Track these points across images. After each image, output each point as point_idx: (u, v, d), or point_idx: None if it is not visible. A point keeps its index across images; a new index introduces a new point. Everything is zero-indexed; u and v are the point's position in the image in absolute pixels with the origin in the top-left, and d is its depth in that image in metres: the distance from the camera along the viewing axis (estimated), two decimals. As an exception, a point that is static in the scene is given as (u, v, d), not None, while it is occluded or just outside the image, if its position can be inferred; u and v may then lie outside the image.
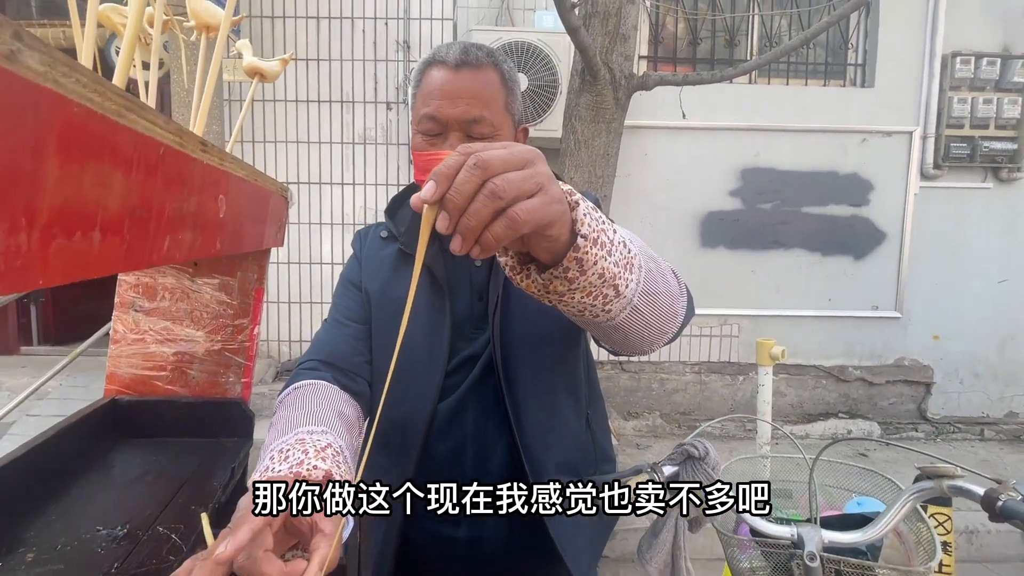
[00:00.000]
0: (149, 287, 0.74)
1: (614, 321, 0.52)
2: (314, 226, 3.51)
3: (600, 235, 0.45)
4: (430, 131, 0.72)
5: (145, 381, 0.74)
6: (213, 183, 0.41)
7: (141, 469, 0.65)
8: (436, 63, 0.73)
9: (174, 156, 0.31)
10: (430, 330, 0.75)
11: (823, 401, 3.66)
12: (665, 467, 0.89)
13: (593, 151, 1.88)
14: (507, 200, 0.38)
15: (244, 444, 0.74)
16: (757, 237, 3.53)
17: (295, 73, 3.41)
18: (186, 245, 0.36)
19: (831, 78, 3.64)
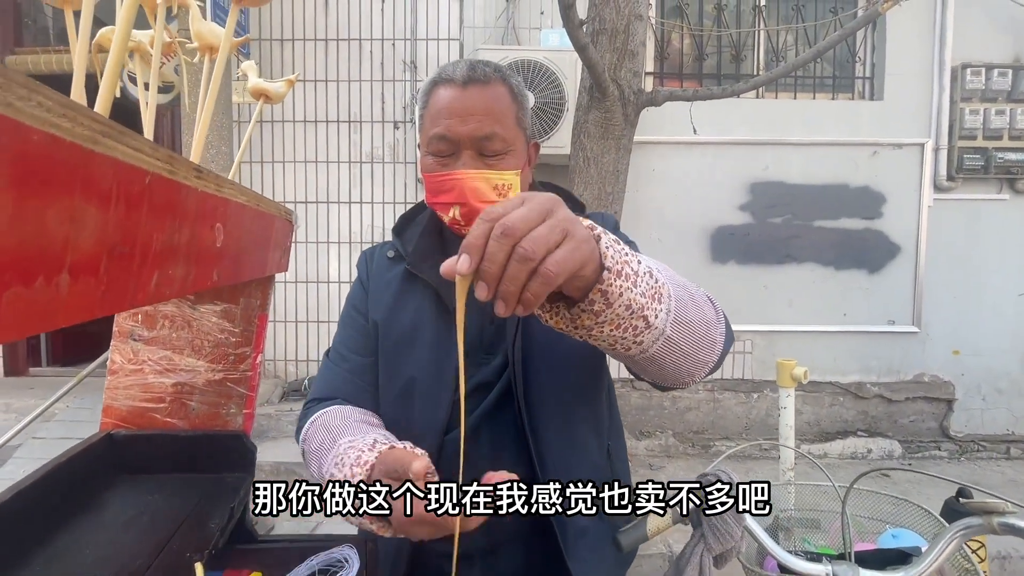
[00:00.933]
0: (148, 315, 0.71)
1: (648, 353, 0.50)
2: (321, 245, 3.51)
3: (624, 267, 0.45)
4: (441, 151, 0.70)
5: (143, 413, 0.71)
6: (209, 211, 0.38)
7: (136, 510, 0.61)
8: (443, 82, 0.71)
9: (162, 184, 0.28)
10: (439, 355, 0.73)
11: (841, 419, 3.56)
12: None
13: (602, 168, 1.86)
14: (538, 259, 0.40)
15: (245, 479, 0.70)
16: (768, 251, 3.49)
17: (303, 94, 3.45)
18: (178, 280, 0.33)
19: (839, 91, 3.62)
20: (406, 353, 0.74)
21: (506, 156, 0.70)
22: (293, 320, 3.52)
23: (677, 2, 3.51)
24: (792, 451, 1.41)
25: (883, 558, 0.88)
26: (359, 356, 0.76)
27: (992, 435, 3.58)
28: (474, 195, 0.67)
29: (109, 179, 0.22)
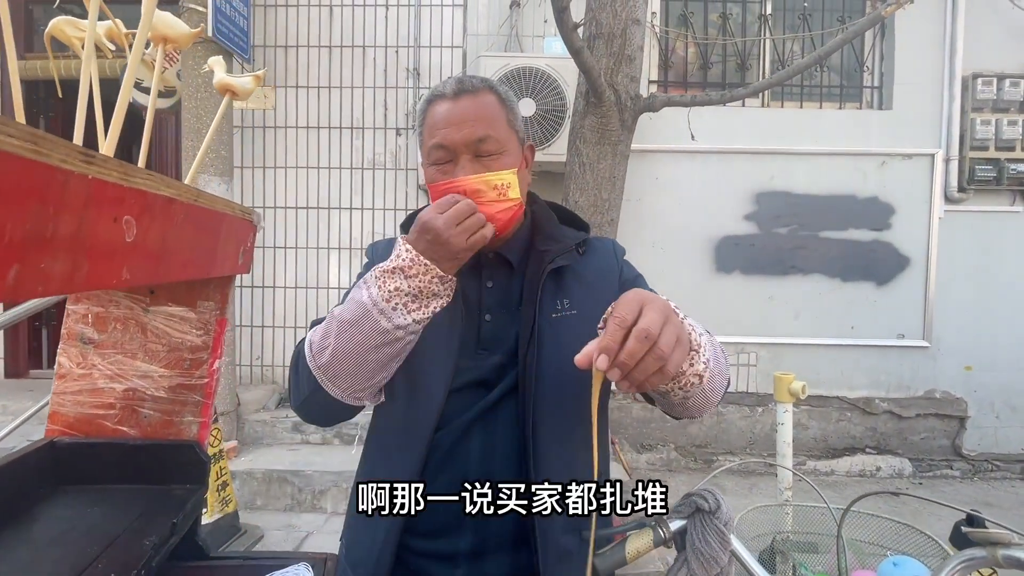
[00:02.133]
0: (100, 317, 0.68)
1: (688, 401, 0.63)
2: (322, 251, 3.50)
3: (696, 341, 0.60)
4: (440, 160, 0.75)
5: (91, 421, 0.68)
6: (110, 201, 0.35)
7: (70, 524, 0.57)
8: (435, 98, 0.77)
9: (19, 165, 0.25)
10: (434, 345, 0.74)
11: (848, 435, 3.47)
12: (672, 521, 0.79)
13: (598, 174, 1.82)
14: (667, 359, 0.53)
15: (195, 492, 0.66)
16: (774, 262, 3.42)
17: (307, 100, 3.46)
18: (57, 276, 0.29)
19: (847, 101, 3.57)
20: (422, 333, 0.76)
21: (501, 156, 0.74)
22: (292, 326, 3.50)
23: (682, 10, 3.49)
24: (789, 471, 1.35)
25: (883, 588, 0.82)
26: None
27: (1006, 454, 3.47)
28: (476, 197, 0.71)
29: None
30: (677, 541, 0.79)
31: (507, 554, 0.74)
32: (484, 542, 0.73)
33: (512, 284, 0.79)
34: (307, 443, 3.02)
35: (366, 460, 0.83)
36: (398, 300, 0.64)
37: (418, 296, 0.65)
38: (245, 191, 3.46)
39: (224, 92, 0.74)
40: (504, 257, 0.80)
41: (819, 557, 1.07)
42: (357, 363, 0.67)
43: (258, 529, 2.34)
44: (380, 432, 0.82)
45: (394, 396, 0.78)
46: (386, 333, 0.65)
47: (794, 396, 1.61)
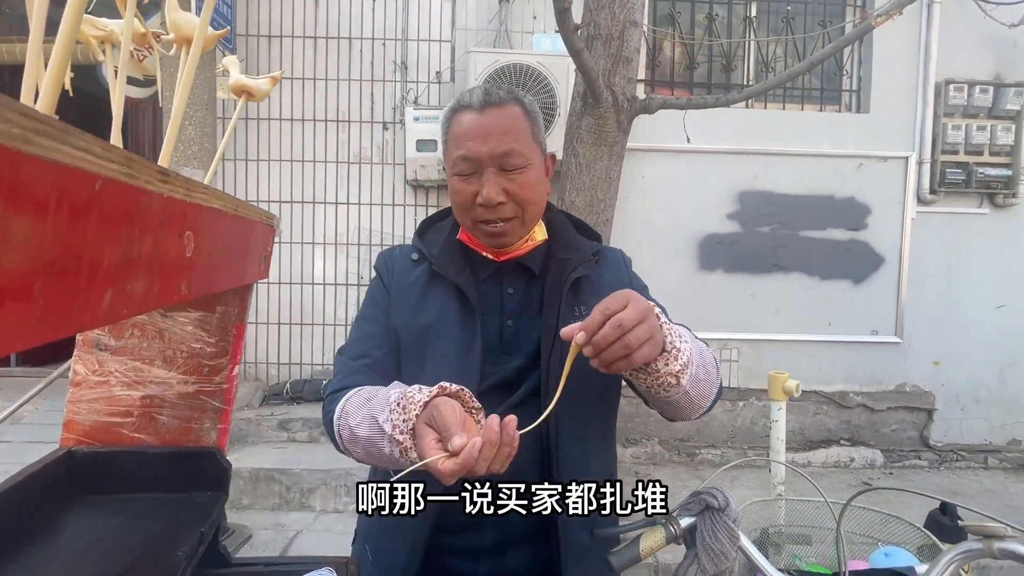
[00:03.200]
0: (116, 324, 0.66)
1: (670, 399, 0.68)
2: (307, 246, 3.44)
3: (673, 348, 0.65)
4: (465, 171, 0.76)
5: (108, 429, 0.66)
6: (177, 218, 0.34)
7: (96, 535, 0.57)
8: (461, 108, 0.78)
9: (117, 190, 0.25)
10: (461, 351, 0.76)
11: (824, 428, 3.59)
12: (682, 519, 0.82)
13: (595, 174, 1.84)
14: (633, 350, 0.60)
15: (218, 499, 0.66)
16: (756, 261, 3.51)
17: (291, 92, 3.39)
18: (138, 296, 0.29)
19: (827, 103, 3.67)
20: (430, 349, 0.78)
21: (526, 170, 0.76)
22: (276, 322, 3.44)
23: (669, 10, 3.53)
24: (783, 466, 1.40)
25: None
26: (379, 352, 0.80)
27: (970, 445, 3.64)
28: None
29: (45, 185, 0.19)
30: (687, 538, 0.82)
31: (528, 548, 0.77)
32: (506, 536, 0.76)
33: (532, 291, 0.82)
34: (294, 441, 2.98)
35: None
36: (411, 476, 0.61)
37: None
38: (227, 184, 3.37)
39: (240, 93, 0.73)
40: (523, 265, 0.82)
41: (812, 549, 1.12)
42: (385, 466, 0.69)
43: (246, 529, 2.31)
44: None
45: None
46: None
47: (788, 394, 1.66)
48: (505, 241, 0.79)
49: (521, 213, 0.77)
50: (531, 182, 0.77)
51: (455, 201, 0.79)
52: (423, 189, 3.43)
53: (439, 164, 3.19)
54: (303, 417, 3.01)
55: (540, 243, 0.83)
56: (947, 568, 0.69)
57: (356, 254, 3.45)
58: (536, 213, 0.80)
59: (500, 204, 0.75)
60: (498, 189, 0.75)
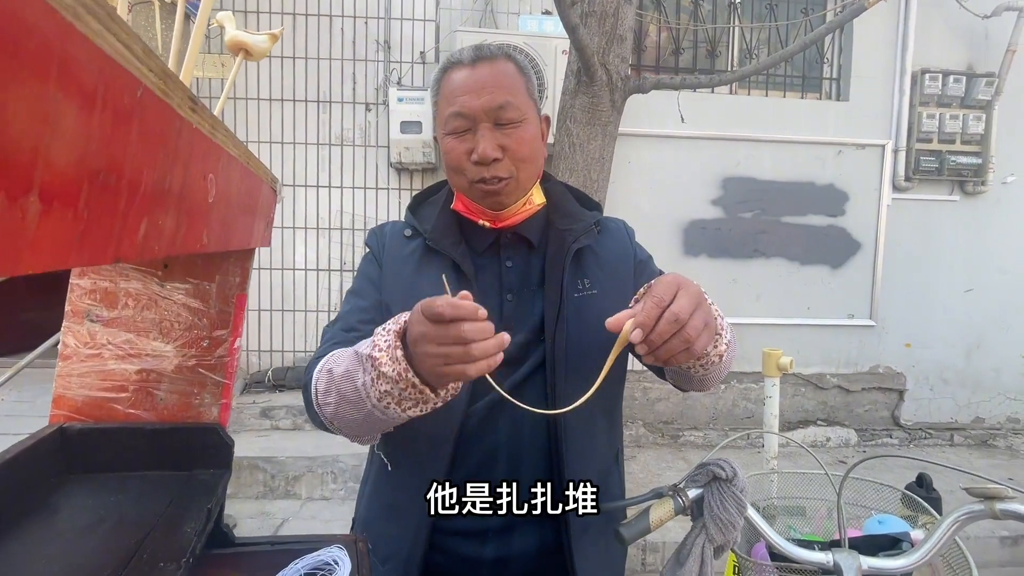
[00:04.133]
0: (109, 293, 0.63)
1: (708, 375, 0.70)
2: (287, 230, 3.35)
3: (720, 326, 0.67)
4: (458, 128, 0.73)
5: (102, 405, 0.63)
6: (202, 156, 0.32)
7: (96, 515, 0.54)
8: (452, 66, 0.75)
9: (155, 105, 0.22)
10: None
11: (802, 409, 3.70)
12: (690, 490, 0.82)
13: (588, 154, 1.83)
14: (693, 342, 0.58)
15: (221, 476, 0.63)
16: (738, 246, 3.56)
17: (269, 71, 3.27)
18: (167, 235, 0.26)
19: (808, 91, 3.72)
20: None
21: (521, 124, 0.73)
22: (256, 309, 3.35)
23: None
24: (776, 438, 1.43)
25: (873, 544, 0.88)
26: (369, 326, 0.75)
27: (938, 423, 3.80)
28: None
29: (93, 73, 0.16)
30: (693, 509, 0.82)
31: (534, 528, 0.76)
32: (513, 517, 0.73)
33: (532, 263, 0.79)
34: (277, 428, 2.92)
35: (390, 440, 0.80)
36: (389, 400, 0.58)
37: (406, 399, 0.58)
38: (202, 166, 3.25)
39: (237, 51, 0.69)
40: (522, 236, 0.79)
41: (806, 520, 1.15)
42: (358, 427, 0.64)
43: (231, 518, 2.26)
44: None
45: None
46: (383, 421, 0.62)
47: (782, 370, 1.69)
48: (502, 201, 0.75)
49: (516, 171, 0.74)
50: (528, 137, 0.73)
51: (448, 162, 0.75)
52: (407, 172, 3.37)
53: (424, 146, 3.13)
54: (286, 405, 2.96)
55: (538, 208, 0.80)
56: (949, 530, 0.71)
57: (339, 239, 3.38)
58: (533, 172, 0.78)
59: (496, 161, 0.72)
60: (493, 144, 0.71)
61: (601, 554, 0.78)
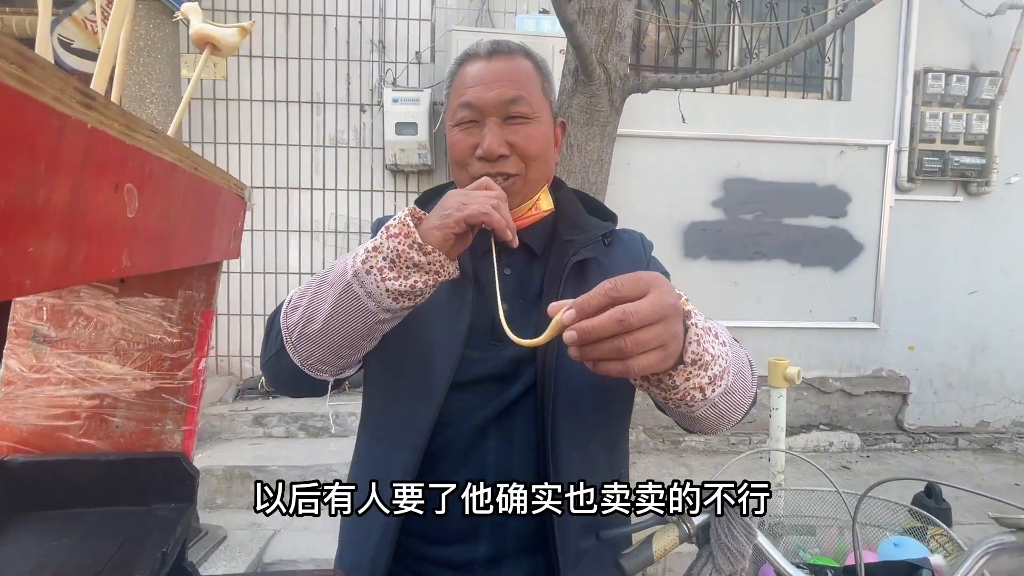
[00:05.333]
0: (57, 311, 0.57)
1: (693, 414, 0.55)
2: (280, 233, 3.30)
3: (703, 355, 0.50)
4: (465, 119, 0.69)
5: (50, 434, 0.57)
6: (111, 162, 0.26)
7: (38, 558, 0.48)
8: (469, 58, 0.72)
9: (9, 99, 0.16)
10: (443, 328, 0.69)
11: (804, 413, 3.64)
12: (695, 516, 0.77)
13: (586, 156, 1.77)
14: (629, 356, 0.46)
15: (184, 511, 0.57)
16: (739, 248, 3.51)
17: (262, 71, 3.21)
18: (50, 262, 0.21)
19: (809, 90, 3.67)
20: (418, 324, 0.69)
21: (532, 122, 0.69)
22: (249, 313, 3.30)
23: (654, -7, 3.46)
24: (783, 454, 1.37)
25: (891, 571, 0.83)
26: None
27: (942, 427, 3.75)
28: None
29: None
30: (699, 536, 0.77)
31: (524, 559, 0.70)
32: (502, 548, 0.68)
33: (532, 273, 0.73)
34: (270, 436, 2.86)
35: (359, 459, 0.75)
36: (374, 263, 0.56)
37: (395, 263, 0.56)
38: (194, 168, 3.19)
39: (203, 45, 0.63)
40: (524, 244, 0.73)
41: (816, 539, 1.09)
42: (322, 329, 0.60)
43: (220, 530, 2.20)
44: (374, 427, 0.75)
45: (388, 385, 0.72)
46: (356, 300, 0.57)
47: (789, 381, 1.63)
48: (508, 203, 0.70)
49: (524, 170, 0.69)
50: (538, 136, 0.69)
51: (452, 156, 0.71)
52: (403, 174, 3.31)
53: (419, 148, 3.08)
54: (280, 412, 2.90)
55: (545, 215, 0.75)
56: (977, 563, 0.65)
57: (333, 242, 3.32)
58: (542, 173, 0.72)
59: (502, 157, 0.67)
60: (500, 140, 0.67)
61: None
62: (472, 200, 0.59)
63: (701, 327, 0.51)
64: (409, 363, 0.69)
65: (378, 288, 0.57)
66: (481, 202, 0.58)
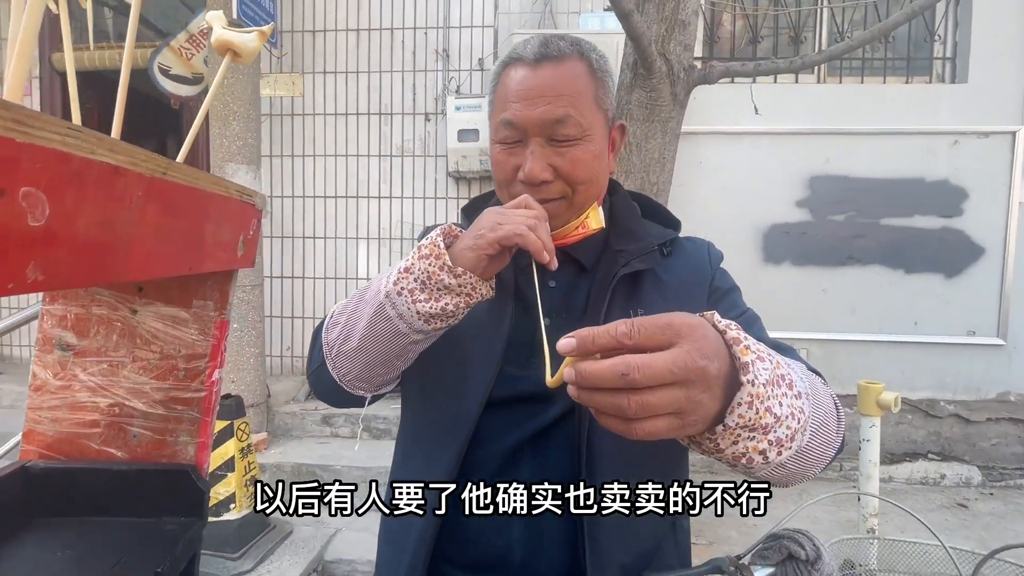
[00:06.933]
0: (80, 320, 0.58)
1: (753, 475, 0.46)
2: (350, 240, 3.44)
3: (759, 419, 0.40)
4: (508, 139, 0.64)
5: (72, 441, 0.58)
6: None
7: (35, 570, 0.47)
8: (513, 61, 0.65)
9: None
10: (481, 343, 0.65)
11: (909, 439, 3.21)
12: (756, 569, 0.65)
13: (646, 155, 1.65)
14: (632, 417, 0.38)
15: (190, 527, 0.56)
16: (829, 252, 3.17)
17: (335, 86, 3.38)
18: None
19: (914, 74, 3.25)
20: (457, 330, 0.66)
21: (581, 142, 0.62)
22: (322, 316, 3.46)
23: (729, -20, 3.24)
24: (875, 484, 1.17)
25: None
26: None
27: (1091, 464, 3.14)
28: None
29: None
30: (757, 595, 0.65)
31: None
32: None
33: (579, 286, 0.67)
34: (336, 436, 2.97)
35: (394, 475, 0.74)
36: (404, 284, 0.56)
37: (426, 285, 0.55)
38: (274, 180, 3.42)
39: (224, 51, 0.63)
40: (572, 255, 0.67)
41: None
42: (358, 348, 0.60)
43: (287, 524, 2.30)
44: (407, 443, 0.72)
45: (422, 402, 0.69)
46: (388, 321, 0.56)
47: (884, 409, 1.41)
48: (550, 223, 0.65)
49: (571, 194, 0.63)
50: (586, 158, 0.62)
51: (495, 174, 0.67)
52: (465, 181, 3.34)
53: (481, 154, 3.08)
54: (346, 412, 3.00)
55: (594, 232, 0.68)
56: None
57: (399, 248, 3.41)
58: (589, 195, 0.65)
59: (544, 183, 0.62)
60: (543, 164, 0.61)
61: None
62: (508, 220, 0.55)
63: (764, 382, 0.40)
64: (444, 379, 0.66)
65: (409, 310, 0.56)
66: (517, 222, 0.55)
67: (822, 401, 0.49)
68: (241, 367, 2.78)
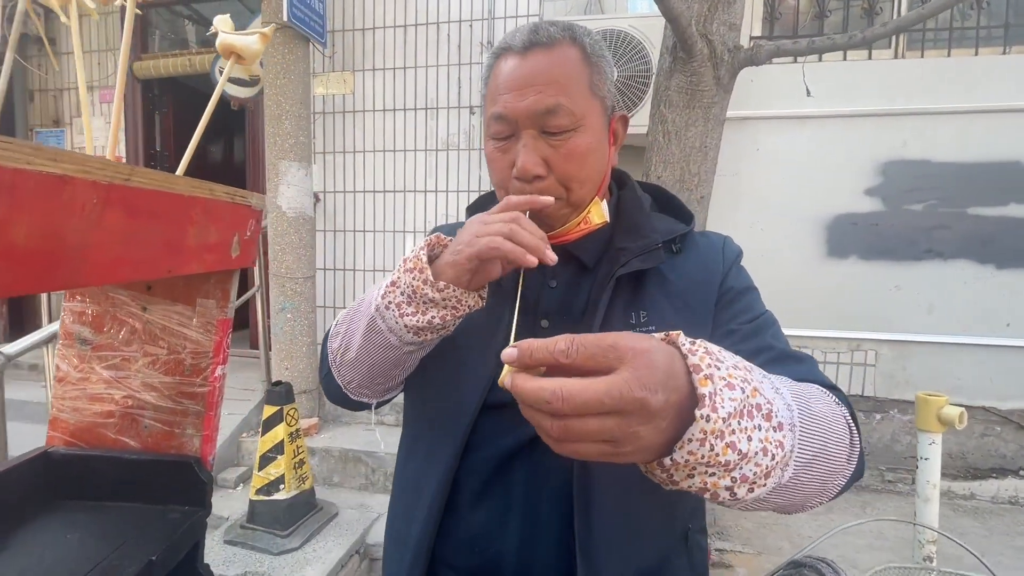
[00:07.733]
0: (96, 316, 0.62)
1: (737, 507, 0.41)
2: (398, 234, 3.52)
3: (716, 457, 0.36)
4: (500, 134, 0.61)
5: (91, 429, 0.62)
6: None
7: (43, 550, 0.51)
8: (503, 52, 0.62)
9: None
10: (477, 346, 0.64)
11: (996, 454, 2.89)
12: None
13: (686, 143, 1.55)
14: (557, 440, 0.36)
15: (192, 516, 0.58)
16: (903, 245, 2.89)
17: (383, 83, 3.45)
18: None
19: (1012, 43, 2.88)
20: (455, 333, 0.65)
21: (575, 133, 0.58)
22: (370, 308, 3.58)
23: (794, -49, 3.00)
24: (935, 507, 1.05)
25: None
26: None
27: None
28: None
29: None
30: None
31: None
32: None
33: (581, 286, 0.64)
34: (382, 423, 3.07)
35: (396, 478, 0.74)
36: (392, 298, 0.56)
37: (412, 298, 0.55)
38: (326, 176, 3.55)
39: (228, 55, 0.64)
40: (573, 254, 0.64)
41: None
42: (356, 359, 0.61)
43: (333, 506, 2.41)
44: (409, 444, 0.72)
45: (422, 405, 0.69)
46: (379, 334, 0.57)
47: (946, 425, 1.27)
48: (546, 221, 0.62)
49: (566, 193, 0.60)
50: (580, 150, 0.59)
51: (490, 174, 0.64)
52: (509, 173, 3.32)
53: (524, 146, 3.05)
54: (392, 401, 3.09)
55: (596, 227, 0.64)
56: None
57: (443, 242, 3.46)
58: (587, 192, 0.62)
59: (538, 178, 0.59)
60: (535, 158, 0.58)
61: None
62: (485, 231, 0.53)
63: (727, 415, 0.35)
64: (442, 382, 0.66)
65: (397, 324, 0.56)
66: (493, 234, 0.53)
67: (822, 429, 0.43)
68: (294, 355, 2.92)
